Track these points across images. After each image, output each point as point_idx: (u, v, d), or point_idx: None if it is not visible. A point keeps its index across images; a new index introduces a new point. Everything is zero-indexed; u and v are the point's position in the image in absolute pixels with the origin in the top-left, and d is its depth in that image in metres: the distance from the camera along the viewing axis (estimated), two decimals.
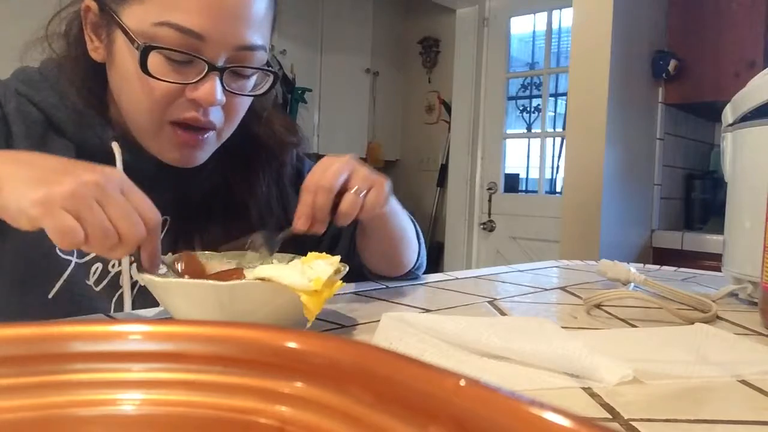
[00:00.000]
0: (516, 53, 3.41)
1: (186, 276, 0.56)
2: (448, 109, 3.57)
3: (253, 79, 0.68)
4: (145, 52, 0.58)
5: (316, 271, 0.49)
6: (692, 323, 0.61)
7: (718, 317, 0.67)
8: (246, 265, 0.61)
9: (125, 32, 0.60)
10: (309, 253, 0.55)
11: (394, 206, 0.72)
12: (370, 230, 0.74)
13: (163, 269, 0.57)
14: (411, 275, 0.84)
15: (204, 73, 0.60)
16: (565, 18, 3.11)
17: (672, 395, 0.41)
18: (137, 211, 0.46)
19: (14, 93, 0.65)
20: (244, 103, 0.68)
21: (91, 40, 0.65)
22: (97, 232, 0.43)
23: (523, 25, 3.39)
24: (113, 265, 0.67)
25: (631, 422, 0.35)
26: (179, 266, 0.58)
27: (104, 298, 0.67)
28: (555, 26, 3.19)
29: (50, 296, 0.63)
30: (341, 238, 0.82)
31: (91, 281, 0.66)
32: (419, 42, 3.81)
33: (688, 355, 0.49)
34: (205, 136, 0.65)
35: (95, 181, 0.44)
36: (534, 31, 3.37)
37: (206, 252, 0.62)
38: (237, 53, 0.62)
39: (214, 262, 0.61)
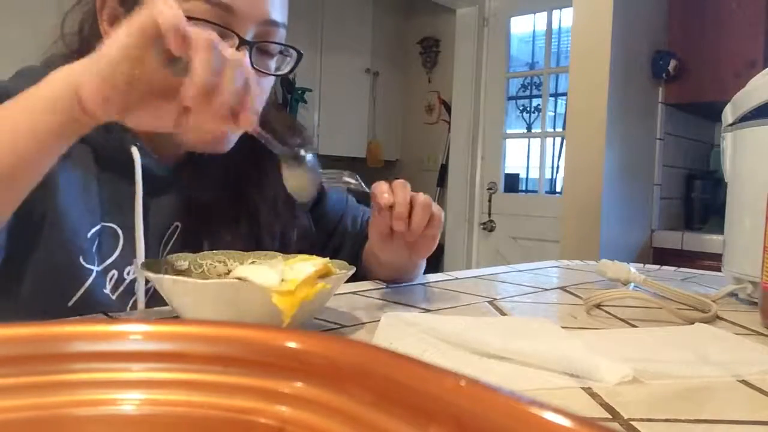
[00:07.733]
0: (516, 53, 3.41)
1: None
2: (448, 109, 3.57)
3: (275, 60, 0.67)
4: None
5: (294, 272, 0.47)
6: (692, 323, 0.61)
7: (718, 317, 0.67)
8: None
9: None
10: (298, 255, 0.54)
11: None
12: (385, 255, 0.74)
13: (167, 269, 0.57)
14: None
15: (235, 47, 0.59)
16: (565, 18, 3.10)
17: (672, 395, 0.41)
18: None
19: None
20: (268, 84, 0.67)
21: (107, 33, 0.62)
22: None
23: (523, 25, 3.39)
24: (128, 273, 0.66)
25: (631, 422, 0.35)
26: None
27: (119, 305, 0.66)
28: (555, 26, 3.19)
29: (69, 304, 0.62)
30: (343, 246, 0.83)
31: (108, 289, 0.65)
32: (419, 42, 3.81)
33: (688, 355, 0.49)
34: None
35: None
36: (534, 31, 3.37)
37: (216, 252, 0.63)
38: (262, 29, 0.62)
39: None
